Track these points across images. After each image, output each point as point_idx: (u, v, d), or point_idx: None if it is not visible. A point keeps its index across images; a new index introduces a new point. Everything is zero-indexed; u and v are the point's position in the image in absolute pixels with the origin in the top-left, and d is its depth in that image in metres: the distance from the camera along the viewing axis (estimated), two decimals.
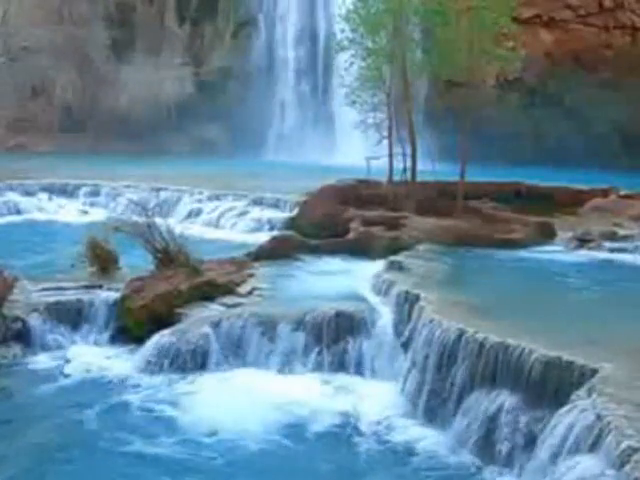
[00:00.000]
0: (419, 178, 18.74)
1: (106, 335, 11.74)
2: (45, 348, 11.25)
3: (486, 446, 8.13)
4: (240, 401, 9.54)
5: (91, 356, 11.11)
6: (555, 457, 6.84)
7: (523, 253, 14.86)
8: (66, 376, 10.47)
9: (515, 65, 20.47)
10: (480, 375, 8.58)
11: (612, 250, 15.24)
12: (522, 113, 38.50)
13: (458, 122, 18.94)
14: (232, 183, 25.15)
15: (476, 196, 18.34)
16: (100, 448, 8.43)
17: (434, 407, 9.11)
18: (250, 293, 12.24)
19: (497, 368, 8.42)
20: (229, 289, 12.30)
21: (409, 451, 8.50)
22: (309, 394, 9.87)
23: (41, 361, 10.92)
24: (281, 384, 10.15)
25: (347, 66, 19.77)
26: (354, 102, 19.78)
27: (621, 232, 16.37)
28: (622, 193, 19.82)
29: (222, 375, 10.43)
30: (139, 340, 11.21)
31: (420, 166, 18.80)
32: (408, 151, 18.76)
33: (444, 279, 12.19)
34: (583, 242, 15.63)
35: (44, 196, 25.00)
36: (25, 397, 9.81)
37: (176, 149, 39.84)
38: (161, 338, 10.84)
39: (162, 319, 11.42)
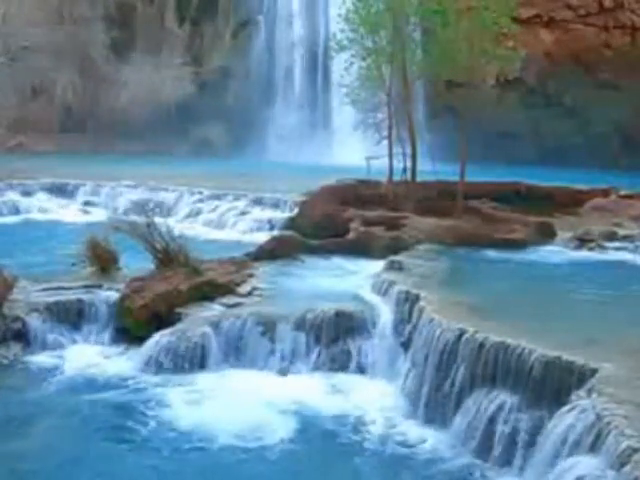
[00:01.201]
0: (419, 178, 18.74)
1: (106, 335, 11.72)
2: (45, 348, 11.23)
3: (486, 446, 8.13)
4: (240, 401, 9.53)
5: (91, 356, 11.10)
6: (555, 457, 6.85)
7: (523, 253, 14.86)
8: (66, 376, 10.45)
9: (515, 65, 20.48)
10: (480, 375, 8.58)
11: (612, 250, 15.24)
12: (522, 113, 38.50)
13: (458, 122, 18.95)
14: (232, 183, 25.14)
15: (476, 196, 18.34)
16: (98, 448, 8.42)
17: (434, 407, 9.11)
18: (250, 293, 12.23)
19: (497, 368, 8.42)
20: (229, 289, 12.29)
21: (409, 451, 8.49)
22: (309, 394, 9.86)
23: (41, 361, 10.90)
24: (281, 384, 10.15)
25: (347, 66, 19.77)
26: (354, 102, 19.79)
27: (621, 232, 16.38)
28: (622, 193, 19.83)
29: (222, 375, 10.42)
30: (139, 340, 11.20)
31: (420, 166, 18.80)
32: (408, 151, 18.76)
33: (444, 279, 12.19)
34: (583, 242, 15.64)
35: (44, 196, 24.97)
36: (25, 397, 9.79)
37: (176, 149, 39.84)
38: (161, 338, 10.83)
39: (162, 319, 11.41)
